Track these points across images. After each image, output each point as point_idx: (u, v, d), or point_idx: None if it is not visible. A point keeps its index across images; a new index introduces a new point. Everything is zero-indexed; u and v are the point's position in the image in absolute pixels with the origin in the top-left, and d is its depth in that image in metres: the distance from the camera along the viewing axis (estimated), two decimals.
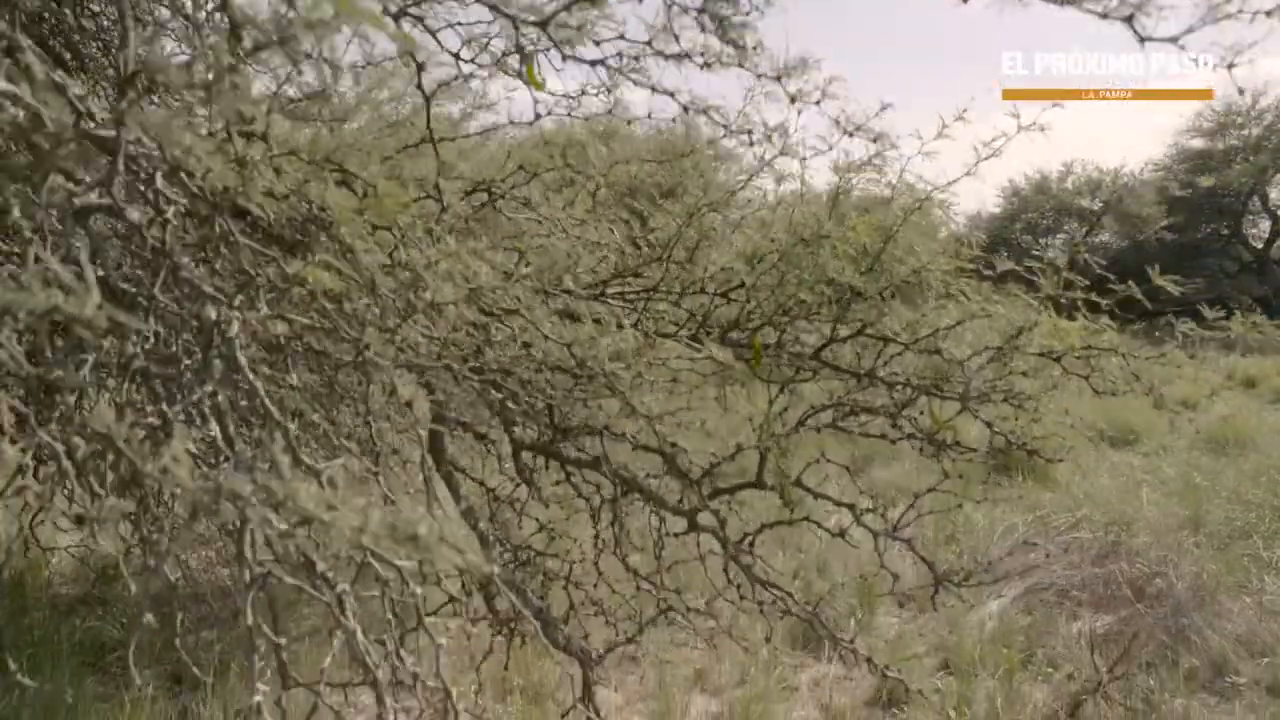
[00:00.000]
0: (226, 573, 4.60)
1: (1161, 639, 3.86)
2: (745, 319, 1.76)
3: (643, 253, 1.75)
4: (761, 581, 1.86)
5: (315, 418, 1.24)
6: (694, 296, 1.79)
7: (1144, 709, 3.33)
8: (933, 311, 1.70)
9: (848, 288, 1.69)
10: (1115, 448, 9.19)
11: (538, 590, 1.89)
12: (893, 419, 1.80)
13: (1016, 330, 1.58)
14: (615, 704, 3.64)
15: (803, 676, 3.94)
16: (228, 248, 1.02)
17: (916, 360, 1.74)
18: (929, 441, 1.78)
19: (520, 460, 1.83)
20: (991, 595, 4.59)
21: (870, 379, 1.74)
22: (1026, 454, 1.76)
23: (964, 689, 3.56)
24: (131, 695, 3.08)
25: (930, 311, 1.70)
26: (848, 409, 1.80)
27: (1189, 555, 4.68)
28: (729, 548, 1.80)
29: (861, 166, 1.71)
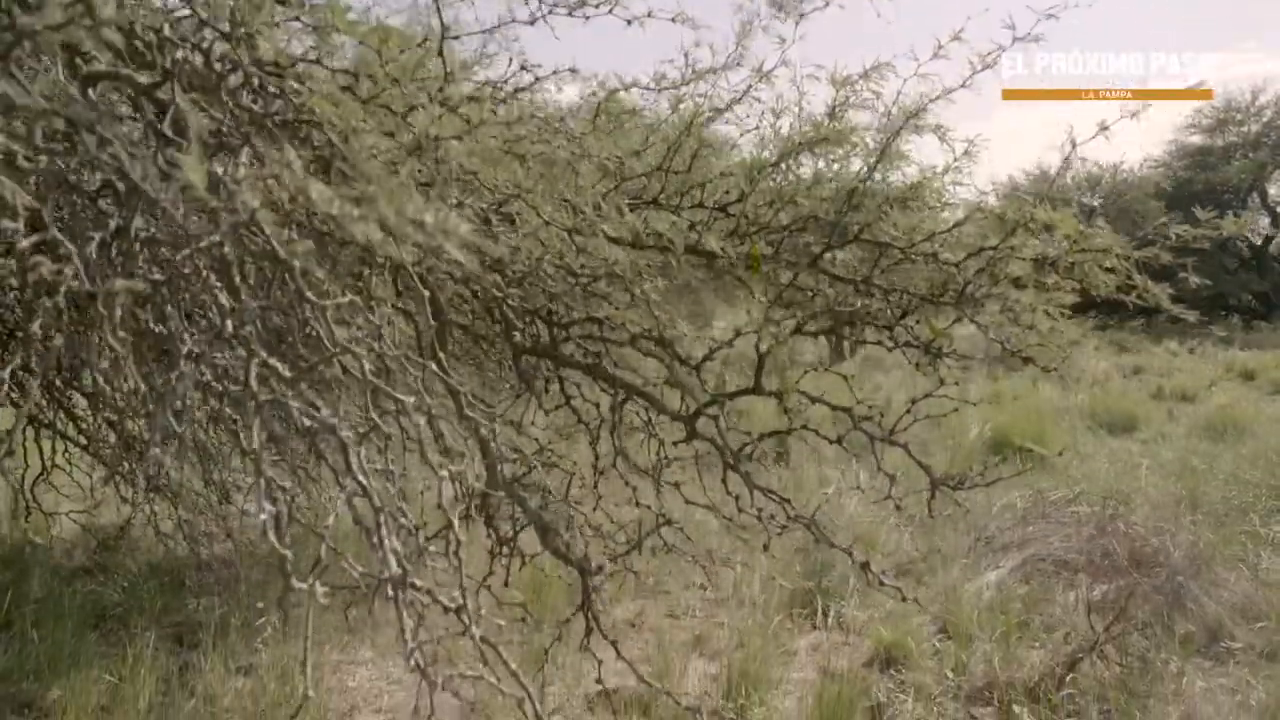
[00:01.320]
0: (230, 545, 4.62)
1: (1158, 606, 3.88)
2: (744, 230, 1.77)
3: (642, 159, 1.76)
4: (761, 488, 1.87)
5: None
6: (693, 210, 1.81)
7: (1140, 667, 3.35)
8: (929, 217, 1.71)
9: (846, 194, 1.71)
10: (1114, 435, 9.20)
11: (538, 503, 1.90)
12: (889, 329, 1.81)
13: (1011, 226, 1.60)
14: (613, 666, 3.66)
15: (801, 641, 3.96)
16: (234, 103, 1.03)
17: (914, 271, 1.76)
18: (925, 350, 1.79)
19: (521, 364, 1.85)
20: (989, 566, 4.61)
21: (867, 286, 1.76)
22: (1022, 361, 1.77)
23: (961, 651, 3.57)
24: (134, 650, 3.10)
25: (927, 217, 1.71)
26: (845, 317, 1.82)
27: (1186, 528, 4.69)
28: (728, 456, 1.82)
29: (858, 80, 1.72)
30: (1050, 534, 4.82)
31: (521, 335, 1.78)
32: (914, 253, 1.69)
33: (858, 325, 1.80)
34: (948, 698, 3.30)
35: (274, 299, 1.05)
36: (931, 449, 7.73)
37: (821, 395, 1.82)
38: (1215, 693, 3.26)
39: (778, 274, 1.75)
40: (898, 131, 1.70)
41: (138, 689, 2.97)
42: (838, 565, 4.56)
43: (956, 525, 5.27)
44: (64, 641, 3.22)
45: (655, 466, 2.13)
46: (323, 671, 3.23)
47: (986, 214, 1.71)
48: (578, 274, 1.49)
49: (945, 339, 1.75)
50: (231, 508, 4.65)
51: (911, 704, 3.22)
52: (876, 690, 3.36)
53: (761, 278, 1.73)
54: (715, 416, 1.76)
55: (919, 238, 1.68)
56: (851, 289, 1.76)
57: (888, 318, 1.78)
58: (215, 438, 4.63)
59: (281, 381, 0.90)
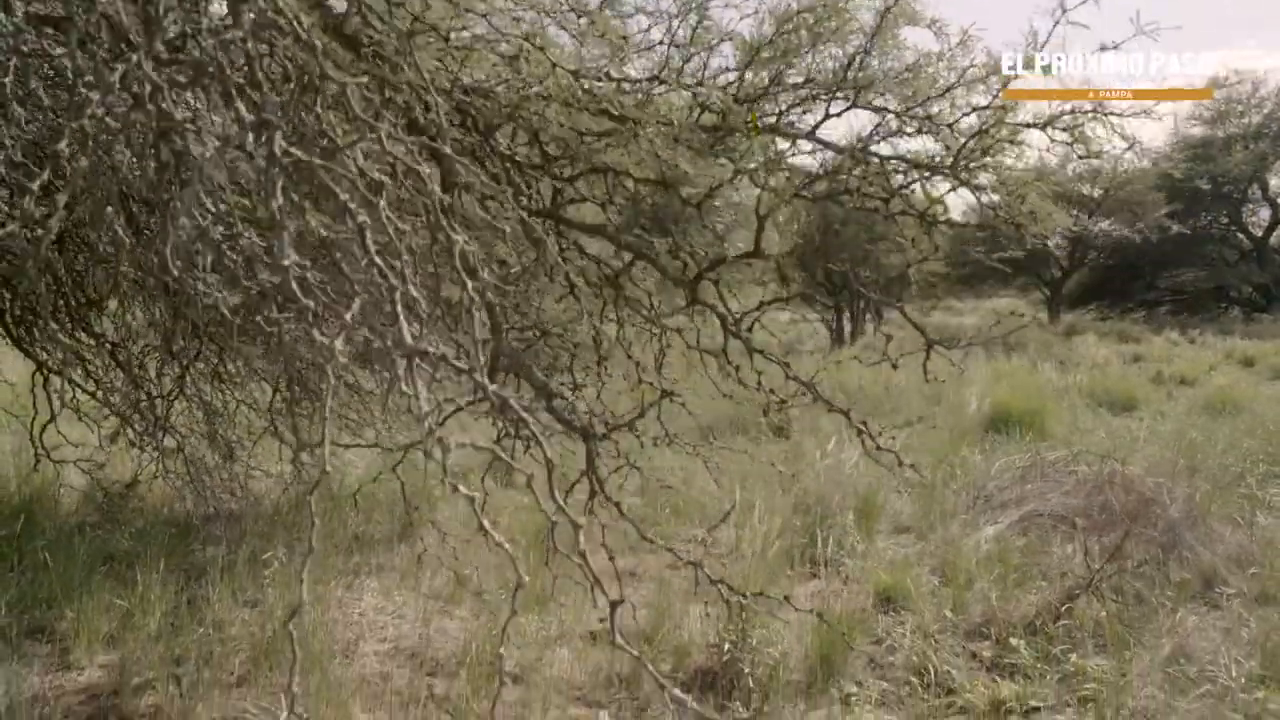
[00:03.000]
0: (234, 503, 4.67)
1: (1154, 554, 3.92)
2: (745, 97, 1.81)
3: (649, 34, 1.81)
4: (760, 352, 1.91)
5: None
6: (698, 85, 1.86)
7: (1135, 605, 3.39)
8: (925, 80, 1.75)
9: (844, 64, 1.75)
10: (1113, 414, 9.23)
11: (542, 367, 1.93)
12: (885, 201, 1.85)
13: (1004, 81, 1.64)
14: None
15: (801, 589, 4.00)
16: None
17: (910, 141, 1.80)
18: (919, 218, 1.83)
19: (528, 226, 1.89)
20: (988, 523, 4.65)
21: (864, 154, 1.80)
22: (1014, 229, 1.81)
23: (960, 594, 3.62)
24: (143, 583, 3.14)
25: (923, 80, 1.75)
26: (842, 187, 1.86)
27: (1183, 484, 4.73)
28: (728, 324, 1.86)
29: None
30: (1048, 491, 4.86)
31: (528, 199, 1.83)
32: (909, 116, 1.73)
33: (854, 195, 1.84)
34: (946, 635, 3.34)
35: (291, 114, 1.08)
36: (931, 423, 7.79)
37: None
38: (1208, 629, 3.30)
39: (776, 142, 1.79)
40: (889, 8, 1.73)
41: (147, 617, 3.02)
42: (836, 519, 4.61)
43: (955, 488, 5.32)
44: (74, 575, 3.26)
45: (658, 355, 2.17)
46: (328, 604, 3.27)
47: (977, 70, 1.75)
48: (583, 132, 1.53)
49: (940, 205, 1.80)
50: (236, 466, 4.71)
51: (910, 638, 3.26)
52: (876, 626, 3.41)
53: (761, 141, 1.78)
54: (715, 280, 1.80)
55: (914, 103, 1.72)
56: (848, 157, 1.80)
57: (884, 187, 1.82)
58: (220, 394, 4.69)
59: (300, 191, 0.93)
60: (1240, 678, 2.83)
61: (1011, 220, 1.81)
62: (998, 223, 1.80)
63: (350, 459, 5.36)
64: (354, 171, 0.96)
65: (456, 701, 2.71)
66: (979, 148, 1.70)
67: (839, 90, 1.74)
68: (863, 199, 1.84)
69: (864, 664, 3.19)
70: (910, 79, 1.76)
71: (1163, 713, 2.72)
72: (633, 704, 2.86)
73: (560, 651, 3.18)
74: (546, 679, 2.89)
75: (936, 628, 3.36)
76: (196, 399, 4.51)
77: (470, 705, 2.68)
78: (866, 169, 1.79)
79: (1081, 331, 19.23)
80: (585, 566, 1.16)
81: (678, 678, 3.06)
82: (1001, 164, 1.69)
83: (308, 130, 1.04)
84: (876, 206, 1.85)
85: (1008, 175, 1.69)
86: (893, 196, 1.83)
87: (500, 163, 1.72)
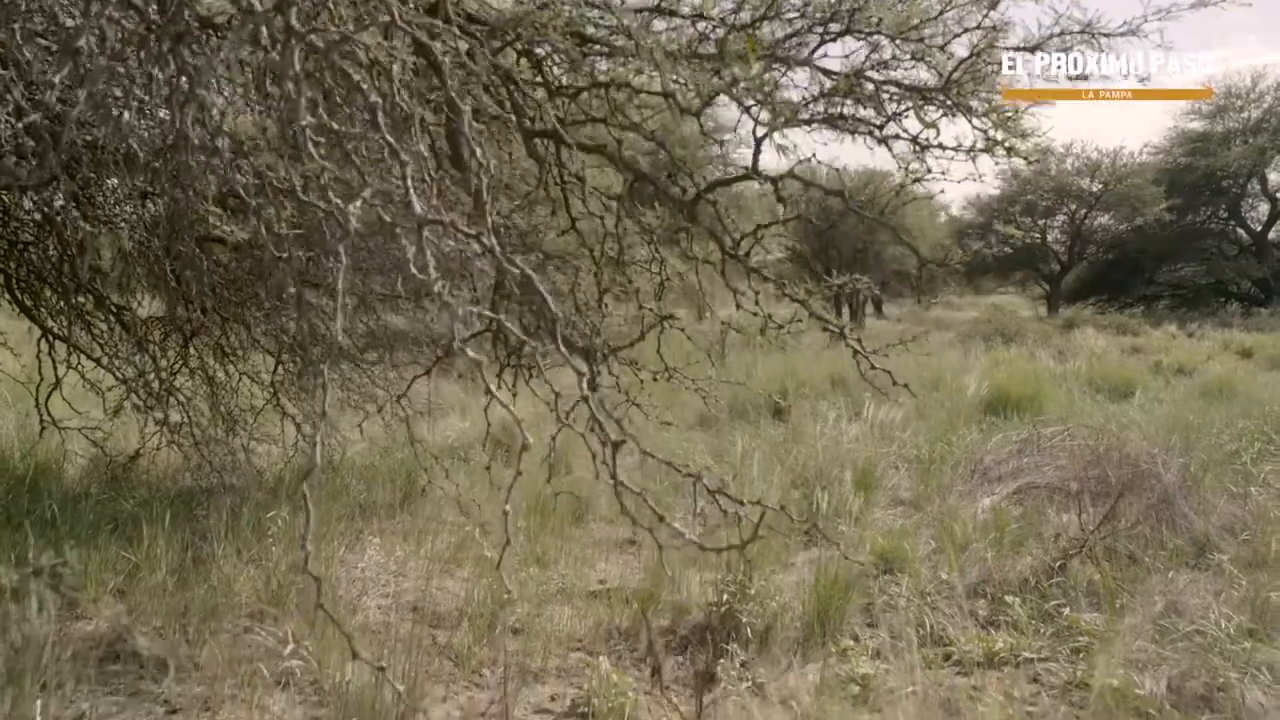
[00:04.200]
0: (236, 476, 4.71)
1: (1149, 521, 3.96)
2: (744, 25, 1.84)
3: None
4: (757, 271, 1.95)
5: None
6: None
7: (1128, 565, 3.44)
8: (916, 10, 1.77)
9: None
10: (1111, 400, 9.27)
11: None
12: (880, 126, 1.89)
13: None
14: (615, 574, 3.75)
15: (799, 557, 4.04)
16: None
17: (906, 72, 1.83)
18: (914, 143, 1.87)
19: (532, 145, 1.92)
20: (985, 494, 4.70)
21: (860, 79, 1.84)
22: (1006, 152, 1.84)
23: (957, 556, 3.66)
24: (149, 539, 3.18)
25: (915, 11, 1.78)
26: (838, 112, 1.89)
27: (1178, 455, 4.77)
28: (726, 246, 1.90)
29: None
30: (1044, 464, 4.91)
31: (531, 121, 1.86)
32: (902, 39, 1.76)
33: (848, 120, 1.87)
34: (942, 595, 3.38)
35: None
36: (930, 406, 7.82)
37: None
38: (1199, 588, 3.34)
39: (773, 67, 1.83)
40: None
41: (154, 572, 3.06)
42: (835, 492, 4.65)
43: (952, 463, 5.37)
44: (81, 533, 3.30)
45: (658, 287, 2.21)
46: (331, 563, 3.31)
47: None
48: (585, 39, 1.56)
49: (933, 130, 1.84)
50: (238, 440, 4.75)
51: (907, 598, 3.30)
52: (873, 587, 3.44)
53: (760, 61, 1.80)
54: (714, 202, 1.83)
55: (907, 27, 1.75)
56: (845, 81, 1.83)
57: (881, 109, 1.86)
58: (223, 368, 4.74)
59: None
60: (1229, 629, 2.87)
61: (1003, 144, 1.84)
62: (991, 146, 1.83)
63: (351, 437, 5.42)
64: (365, 58, 1.00)
65: (459, 649, 2.75)
66: (970, 72, 1.73)
67: (833, 18, 1.76)
68: (856, 124, 1.88)
69: (861, 621, 3.23)
70: (904, 6, 1.80)
71: (1153, 663, 2.76)
72: (631, 654, 2.91)
73: (561, 609, 3.22)
74: (547, 631, 2.94)
75: (933, 588, 3.41)
76: (200, 371, 4.56)
77: (472, 651, 2.72)
78: (861, 93, 1.83)
79: (1080, 325, 19.27)
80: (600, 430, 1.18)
81: (677, 632, 3.11)
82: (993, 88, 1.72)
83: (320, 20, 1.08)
84: (872, 132, 1.89)
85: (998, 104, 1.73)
86: (888, 121, 1.87)
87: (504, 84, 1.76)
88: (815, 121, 1.91)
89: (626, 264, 2.17)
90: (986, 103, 1.76)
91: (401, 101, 0.98)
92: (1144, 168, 22.90)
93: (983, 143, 1.84)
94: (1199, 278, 23.18)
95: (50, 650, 2.30)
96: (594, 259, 2.13)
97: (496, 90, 1.71)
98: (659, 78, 1.62)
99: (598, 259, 2.15)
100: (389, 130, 0.93)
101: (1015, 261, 25.26)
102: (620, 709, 2.45)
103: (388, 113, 0.95)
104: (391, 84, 0.96)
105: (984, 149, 1.85)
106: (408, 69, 1.19)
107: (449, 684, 2.59)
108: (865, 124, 1.87)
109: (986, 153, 1.91)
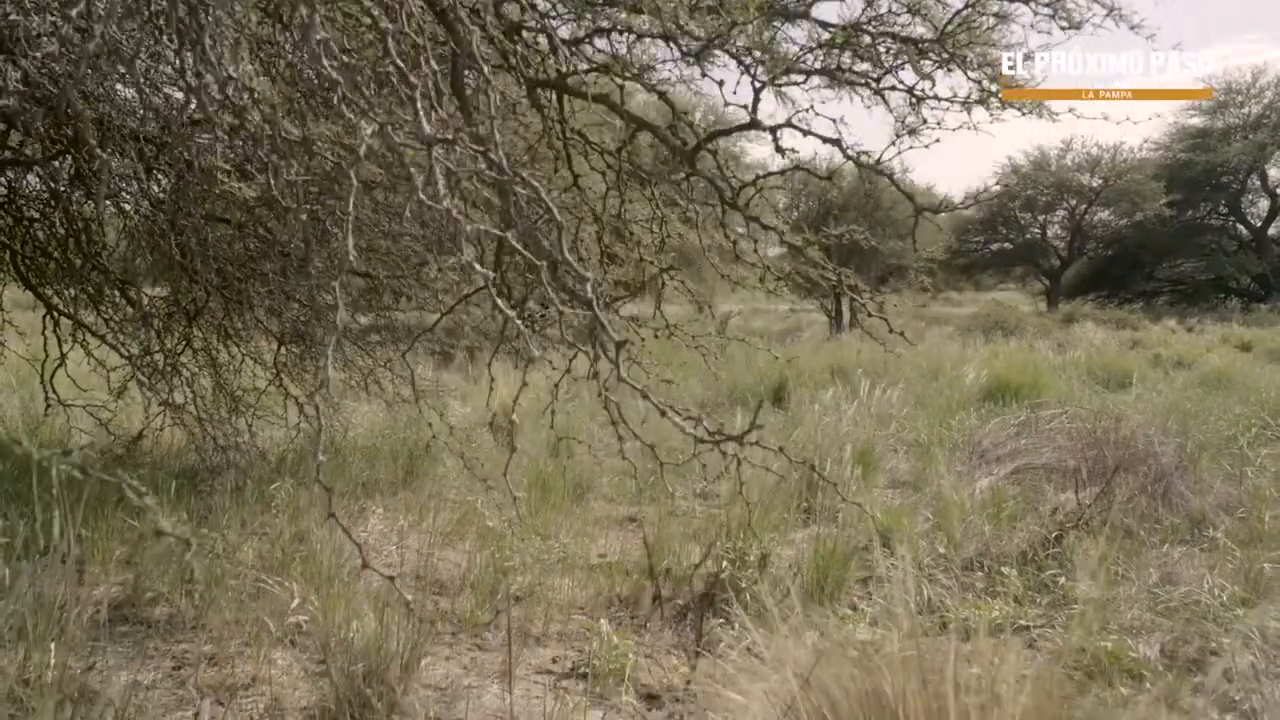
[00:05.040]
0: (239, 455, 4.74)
1: (1146, 493, 4.00)
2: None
3: None
4: (757, 220, 1.98)
5: None
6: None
7: (1124, 538, 3.47)
8: None
9: None
10: (1110, 390, 9.31)
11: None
12: (877, 79, 1.92)
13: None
14: (615, 549, 3.78)
15: (798, 534, 4.08)
16: None
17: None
18: (910, 93, 1.90)
19: (535, 95, 1.95)
20: (983, 475, 4.73)
21: (857, 31, 1.87)
22: (999, 103, 1.88)
23: (953, 533, 3.69)
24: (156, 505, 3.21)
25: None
26: (835, 64, 1.93)
27: (1174, 438, 4.81)
28: (726, 195, 1.93)
29: None
30: (1042, 446, 4.95)
31: (535, 71, 1.89)
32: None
33: (844, 72, 1.91)
34: (940, 568, 3.41)
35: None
36: (929, 395, 7.86)
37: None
38: (1194, 560, 3.38)
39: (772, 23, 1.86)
40: None
41: (159, 541, 3.09)
42: (833, 470, 4.68)
43: (951, 445, 5.41)
44: (86, 502, 3.33)
45: (658, 244, 2.24)
46: (336, 531, 3.35)
47: None
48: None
49: (929, 80, 1.87)
50: (242, 421, 4.78)
51: (905, 570, 3.34)
52: (871, 560, 3.48)
53: (759, 13, 1.84)
54: (714, 151, 1.87)
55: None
56: (842, 33, 1.86)
57: (878, 62, 1.89)
58: (226, 349, 4.78)
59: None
60: (1223, 598, 2.91)
61: (995, 94, 1.87)
62: (985, 97, 1.86)
63: (354, 420, 5.46)
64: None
65: (461, 613, 2.79)
66: (965, 23, 1.76)
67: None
68: (854, 77, 1.91)
69: (859, 591, 3.26)
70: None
71: (1147, 629, 2.80)
72: (632, 621, 2.94)
73: (561, 580, 3.25)
74: (548, 598, 2.97)
75: (930, 560, 3.44)
76: (204, 352, 4.61)
77: (475, 615, 2.76)
78: (858, 45, 1.86)
79: (1079, 320, 19.32)
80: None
81: (677, 602, 3.14)
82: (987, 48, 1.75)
83: None
84: (867, 83, 1.92)
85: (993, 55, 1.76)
86: (885, 74, 1.90)
87: (508, 35, 1.79)
88: (812, 73, 1.94)
89: (628, 222, 2.20)
90: (981, 57, 1.79)
91: (410, 32, 1.01)
92: (1144, 163, 22.93)
93: (977, 94, 1.87)
94: (1199, 273, 23.22)
95: (61, 611, 2.34)
96: (596, 217, 2.16)
97: (500, 43, 1.75)
98: (660, 22, 1.65)
99: (600, 216, 2.18)
100: (399, 57, 0.96)
101: (1015, 257, 25.30)
102: (621, 670, 2.48)
103: (397, 39, 0.98)
104: (402, 10, 0.99)
105: (978, 100, 1.88)
106: (416, 9, 1.22)
107: (451, 645, 2.62)
108: (862, 77, 1.90)
109: (981, 104, 1.94)
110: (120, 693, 2.05)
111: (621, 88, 1.94)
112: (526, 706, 2.26)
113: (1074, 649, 2.73)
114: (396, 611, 2.45)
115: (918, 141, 1.94)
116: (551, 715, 2.16)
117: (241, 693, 2.25)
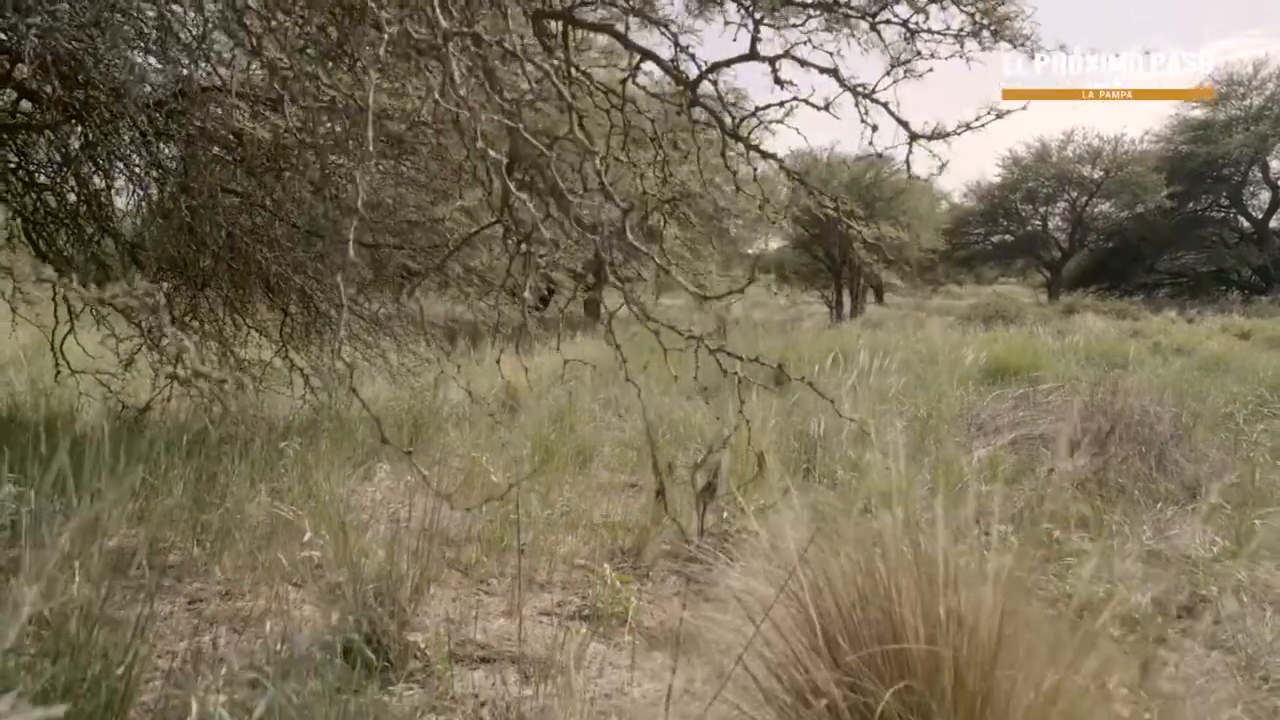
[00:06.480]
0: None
1: (1142, 455, 4.06)
2: None
3: None
4: (756, 148, 2.03)
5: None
6: None
7: (1119, 498, 3.53)
8: None
9: None
10: (1108, 373, 9.36)
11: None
12: (874, 14, 1.97)
13: None
14: (618, 511, 3.84)
15: (798, 500, 4.13)
16: None
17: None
18: (904, 26, 1.95)
19: (541, 26, 2.01)
20: (981, 445, 4.79)
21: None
22: (993, 36, 1.92)
23: (950, 494, 3.75)
24: (165, 467, 3.27)
25: None
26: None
27: (1171, 409, 4.86)
28: (727, 127, 1.98)
29: None
30: (1040, 418, 5.00)
31: (543, 2, 1.95)
32: None
33: (840, 7, 1.96)
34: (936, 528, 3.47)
35: None
36: (929, 377, 7.92)
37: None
38: (1187, 518, 3.43)
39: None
40: None
41: (170, 496, 3.15)
42: (831, 439, 4.74)
43: (950, 419, 5.47)
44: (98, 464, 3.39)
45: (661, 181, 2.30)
46: (345, 489, 3.41)
47: None
48: None
49: (923, 14, 1.92)
50: (247, 396, 4.84)
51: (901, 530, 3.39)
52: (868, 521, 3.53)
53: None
54: (715, 81, 1.92)
55: None
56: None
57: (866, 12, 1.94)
58: (230, 321, 4.85)
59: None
60: (1214, 551, 2.97)
61: (989, 26, 1.92)
62: (978, 30, 1.90)
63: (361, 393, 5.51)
64: None
65: (467, 562, 2.85)
66: None
67: None
68: (849, 11, 1.96)
69: None
70: None
71: (1140, 580, 2.85)
72: (634, 571, 3.00)
73: (565, 537, 3.31)
74: (552, 551, 3.03)
75: (926, 521, 3.50)
76: (211, 322, 4.67)
77: (481, 562, 2.82)
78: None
79: (1080, 310, 19.36)
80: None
81: (677, 557, 3.20)
82: None
83: None
84: (864, 16, 1.97)
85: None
86: (881, 9, 1.94)
87: None
88: (810, 5, 1.98)
89: (632, 165, 2.25)
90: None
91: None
92: (1145, 155, 22.95)
93: (970, 26, 1.92)
94: (1199, 265, 23.26)
95: (81, 550, 2.40)
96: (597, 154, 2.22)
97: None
98: None
99: (604, 158, 2.23)
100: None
101: (1016, 249, 25.34)
102: (623, 613, 2.54)
103: None
104: None
105: (971, 33, 1.93)
106: None
107: (458, 589, 2.68)
108: (859, 11, 1.94)
109: (973, 37, 1.99)
110: (140, 619, 2.10)
111: (625, 24, 1.99)
112: (533, 631, 2.33)
113: (1066, 597, 2.80)
114: (405, 550, 2.51)
115: (911, 73, 1.98)
116: (558, 640, 2.23)
117: (255, 622, 2.31)
